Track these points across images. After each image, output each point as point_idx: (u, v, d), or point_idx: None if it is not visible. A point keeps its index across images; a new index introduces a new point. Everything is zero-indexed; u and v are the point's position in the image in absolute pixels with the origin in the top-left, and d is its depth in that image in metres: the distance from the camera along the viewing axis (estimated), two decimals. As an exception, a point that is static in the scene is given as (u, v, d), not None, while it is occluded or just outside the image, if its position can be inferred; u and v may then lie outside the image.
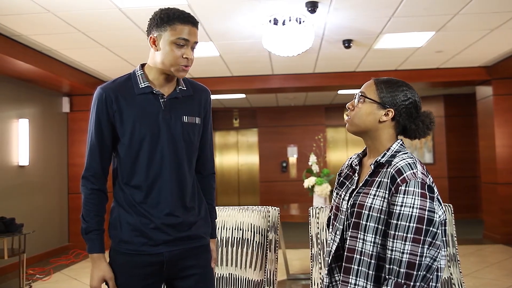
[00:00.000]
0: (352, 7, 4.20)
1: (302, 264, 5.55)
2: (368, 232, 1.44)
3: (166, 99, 1.68)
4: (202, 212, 1.78)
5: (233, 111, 10.77)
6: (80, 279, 5.15)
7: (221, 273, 2.29)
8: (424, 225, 1.35)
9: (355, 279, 1.45)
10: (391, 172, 1.44)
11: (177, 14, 1.62)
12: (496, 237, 6.71)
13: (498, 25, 4.74)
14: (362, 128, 1.56)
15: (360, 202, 1.48)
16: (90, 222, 1.64)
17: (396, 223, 1.38)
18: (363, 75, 6.80)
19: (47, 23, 4.33)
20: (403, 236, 1.35)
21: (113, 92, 1.65)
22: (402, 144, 1.54)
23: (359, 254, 1.45)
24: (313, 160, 4.91)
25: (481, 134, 7.22)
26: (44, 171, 6.38)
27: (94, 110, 1.66)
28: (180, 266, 1.70)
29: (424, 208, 1.36)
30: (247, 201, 10.77)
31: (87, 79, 6.45)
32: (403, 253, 1.35)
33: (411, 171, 1.41)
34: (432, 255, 1.37)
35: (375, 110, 1.53)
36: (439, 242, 1.38)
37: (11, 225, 4.61)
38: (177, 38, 1.60)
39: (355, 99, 1.57)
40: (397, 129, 1.56)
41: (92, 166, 1.67)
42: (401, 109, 1.53)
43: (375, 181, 1.48)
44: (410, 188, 1.38)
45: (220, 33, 4.85)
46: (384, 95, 1.53)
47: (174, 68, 1.64)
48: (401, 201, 1.38)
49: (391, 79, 1.58)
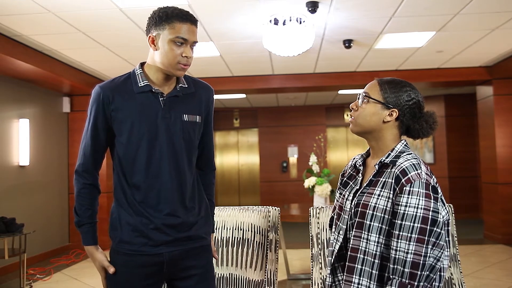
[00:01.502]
0: (353, 7, 4.19)
1: (302, 264, 5.55)
2: (372, 231, 1.45)
3: (165, 97, 1.67)
4: (202, 212, 1.77)
5: (234, 111, 10.77)
6: (80, 279, 5.15)
7: (222, 273, 2.29)
8: (428, 225, 1.36)
9: (358, 278, 1.46)
10: (396, 172, 1.45)
11: (176, 12, 1.61)
12: (496, 237, 6.70)
13: (499, 25, 4.74)
14: (366, 128, 1.56)
15: (364, 202, 1.49)
16: (82, 216, 1.68)
17: (400, 223, 1.38)
18: (364, 75, 6.81)
19: (48, 23, 4.33)
20: (408, 236, 1.36)
21: (111, 91, 1.64)
22: (406, 144, 1.55)
23: (362, 254, 1.46)
24: (313, 160, 4.91)
25: (481, 134, 7.21)
26: (44, 171, 6.38)
27: (92, 108, 1.66)
28: (180, 266, 1.69)
29: (428, 209, 1.37)
30: (247, 201, 10.78)
31: (88, 79, 6.45)
32: (408, 253, 1.35)
33: (416, 171, 1.42)
34: (436, 255, 1.37)
35: (379, 111, 1.53)
36: (442, 242, 1.38)
37: (12, 225, 4.61)
38: (175, 37, 1.59)
39: (359, 100, 1.57)
40: (401, 129, 1.56)
41: (85, 162, 1.69)
42: (405, 109, 1.53)
43: (380, 181, 1.49)
44: (415, 188, 1.39)
45: (220, 33, 4.85)
46: (388, 95, 1.53)
47: (172, 67, 1.63)
48: (405, 202, 1.39)
49: (395, 79, 1.58)
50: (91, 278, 5.11)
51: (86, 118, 1.70)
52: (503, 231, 6.59)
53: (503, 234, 6.59)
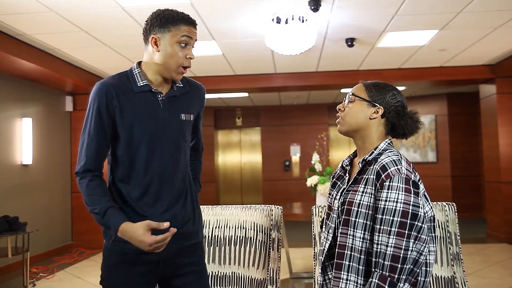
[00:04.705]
0: (355, 6, 4.19)
1: (305, 263, 5.55)
2: (357, 228, 1.48)
3: (164, 97, 1.69)
4: (195, 209, 1.80)
5: (236, 110, 10.77)
6: (83, 278, 5.16)
7: (224, 272, 2.29)
8: (408, 219, 1.39)
9: (346, 274, 1.49)
10: (376, 168, 1.48)
11: (181, 15, 1.65)
12: (499, 236, 6.69)
13: (502, 23, 4.72)
14: (353, 126, 1.61)
15: (349, 199, 1.53)
16: (101, 203, 1.58)
17: (381, 217, 1.42)
18: (366, 73, 6.80)
19: (50, 22, 4.34)
20: (388, 230, 1.40)
21: (114, 88, 1.63)
22: (390, 143, 1.59)
23: (349, 250, 1.50)
24: (316, 159, 4.91)
25: (484, 133, 7.19)
26: (47, 170, 6.40)
27: (95, 104, 1.62)
28: (175, 264, 1.71)
29: (408, 203, 1.40)
30: (250, 200, 10.78)
31: (91, 78, 6.46)
32: (388, 246, 1.39)
33: (396, 167, 1.46)
34: (419, 249, 1.39)
35: (365, 108, 1.60)
36: (424, 236, 1.41)
37: (15, 223, 4.63)
38: (182, 39, 1.62)
39: (345, 101, 1.64)
40: (386, 127, 1.61)
41: (87, 162, 1.62)
42: (390, 107, 1.59)
43: (363, 179, 1.53)
44: (394, 183, 1.42)
45: (222, 32, 4.85)
46: (374, 94, 1.60)
47: (174, 69, 1.64)
48: (385, 196, 1.42)
49: (379, 82, 1.65)
50: (94, 277, 5.12)
51: (86, 118, 1.64)
52: (506, 230, 6.57)
53: (506, 233, 6.57)
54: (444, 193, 8.99)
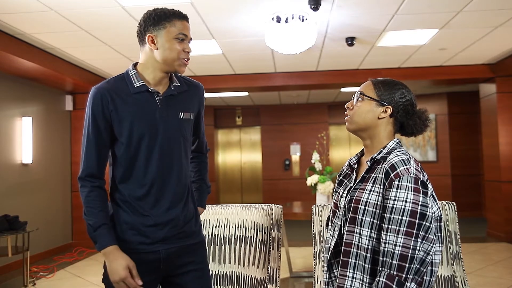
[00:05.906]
0: (355, 5, 4.19)
1: (305, 262, 5.55)
2: (364, 226, 1.49)
3: (161, 97, 1.69)
4: (195, 208, 1.80)
5: (236, 109, 10.77)
6: (83, 277, 5.17)
7: (224, 271, 2.29)
8: (416, 219, 1.39)
9: (352, 272, 1.49)
10: (385, 167, 1.48)
11: (172, 11, 1.68)
12: (500, 235, 6.69)
13: (502, 23, 4.72)
14: (361, 125, 1.60)
15: (356, 197, 1.53)
16: (97, 218, 1.60)
17: (389, 216, 1.42)
18: (366, 72, 6.79)
19: (51, 21, 4.34)
20: (396, 229, 1.40)
21: (109, 92, 1.64)
22: (398, 142, 1.60)
23: (355, 248, 1.50)
24: (316, 158, 4.92)
25: (484, 132, 7.19)
26: (47, 169, 6.40)
27: (90, 110, 1.64)
28: (177, 263, 1.71)
29: (417, 203, 1.40)
30: (250, 199, 10.79)
31: (90, 77, 6.46)
32: (396, 245, 1.39)
33: (405, 166, 1.46)
34: (426, 249, 1.40)
35: (374, 108, 1.58)
36: (432, 236, 1.41)
37: (15, 223, 4.63)
38: (178, 34, 1.65)
39: (354, 99, 1.63)
40: (395, 126, 1.61)
41: (88, 166, 1.64)
42: (398, 106, 1.58)
43: (371, 177, 1.53)
44: (403, 182, 1.42)
45: (222, 31, 4.85)
46: (382, 93, 1.58)
47: (176, 63, 1.66)
48: (394, 195, 1.42)
49: (388, 79, 1.64)
50: (94, 276, 5.13)
51: (84, 123, 1.67)
52: (506, 229, 6.57)
53: (506, 232, 6.57)
54: (444, 192, 8.99)
